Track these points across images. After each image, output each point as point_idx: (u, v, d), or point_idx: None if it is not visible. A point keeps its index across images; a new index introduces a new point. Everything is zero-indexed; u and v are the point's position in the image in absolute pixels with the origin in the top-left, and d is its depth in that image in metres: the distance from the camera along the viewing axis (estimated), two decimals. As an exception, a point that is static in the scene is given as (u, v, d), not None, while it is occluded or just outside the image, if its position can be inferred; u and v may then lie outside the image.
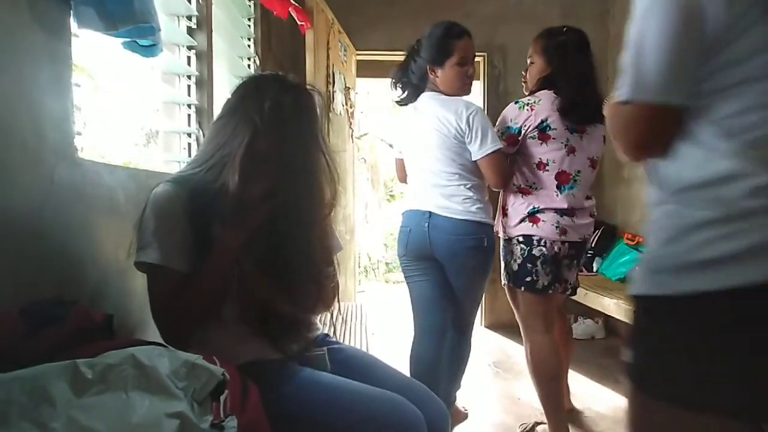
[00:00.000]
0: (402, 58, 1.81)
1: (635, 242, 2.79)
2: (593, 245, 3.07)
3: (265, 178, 0.84)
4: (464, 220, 1.52)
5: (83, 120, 0.95)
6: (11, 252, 0.72)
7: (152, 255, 0.82)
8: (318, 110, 0.91)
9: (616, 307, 2.19)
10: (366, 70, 3.64)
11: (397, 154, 1.85)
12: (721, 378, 0.52)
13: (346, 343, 1.40)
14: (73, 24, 0.84)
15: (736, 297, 0.51)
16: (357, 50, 3.24)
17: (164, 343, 0.79)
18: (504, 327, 3.24)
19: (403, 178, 1.88)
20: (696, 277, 0.53)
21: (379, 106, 6.62)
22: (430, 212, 1.56)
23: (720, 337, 0.52)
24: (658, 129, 0.59)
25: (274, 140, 0.83)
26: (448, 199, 1.54)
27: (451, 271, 1.58)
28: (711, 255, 0.52)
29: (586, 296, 2.46)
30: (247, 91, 0.89)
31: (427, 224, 1.55)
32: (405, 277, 1.69)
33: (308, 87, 0.91)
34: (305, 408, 0.87)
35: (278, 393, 0.88)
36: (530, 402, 2.09)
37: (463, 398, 1.95)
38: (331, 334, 1.12)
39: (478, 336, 3.14)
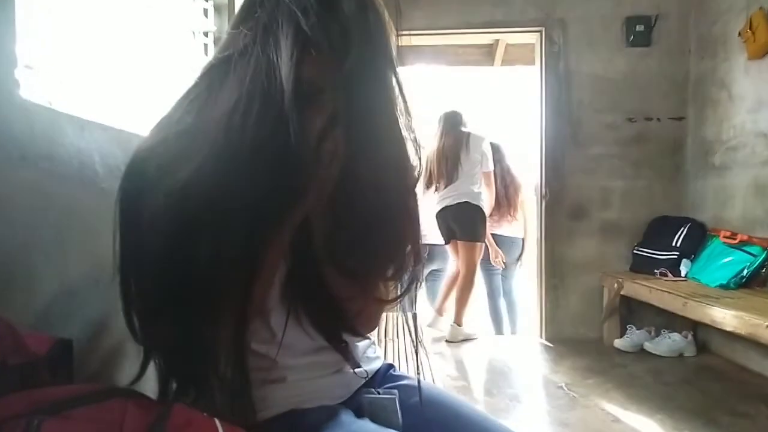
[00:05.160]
0: (445, 38, 1.56)
1: (737, 240, 2.31)
2: (678, 245, 2.61)
3: (321, 119, 0.50)
4: None
5: (38, 53, 0.65)
6: None
7: None
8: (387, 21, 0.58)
9: (735, 320, 1.74)
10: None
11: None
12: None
13: (406, 371, 1.04)
14: None
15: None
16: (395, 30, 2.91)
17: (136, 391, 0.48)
18: (566, 341, 2.82)
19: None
20: None
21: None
22: None
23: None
24: None
25: (331, 54, 0.50)
26: None
27: None
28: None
29: (685, 306, 2.02)
30: None
31: None
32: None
33: None
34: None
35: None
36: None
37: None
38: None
39: (540, 353, 2.73)
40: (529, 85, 3.01)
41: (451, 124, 2.82)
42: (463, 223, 2.69)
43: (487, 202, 2.79)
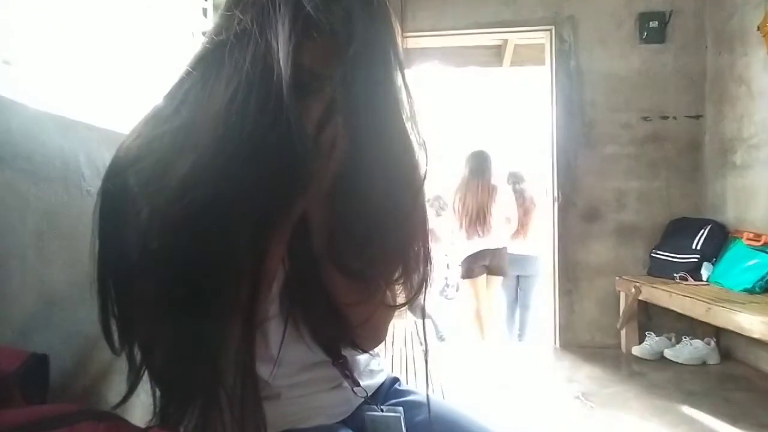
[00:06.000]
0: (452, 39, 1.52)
1: (761, 242, 2.21)
2: (698, 248, 2.51)
3: (320, 112, 0.46)
4: None
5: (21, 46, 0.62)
6: None
7: None
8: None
9: (763, 326, 1.65)
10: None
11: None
12: None
13: (413, 384, 0.98)
14: None
15: None
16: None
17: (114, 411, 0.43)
18: (582, 348, 2.72)
19: None
20: None
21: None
22: None
23: None
24: None
25: (333, 38, 0.45)
26: None
27: None
28: None
29: (709, 312, 1.93)
30: None
31: None
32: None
33: None
34: None
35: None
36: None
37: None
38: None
39: (555, 360, 2.65)
40: (540, 86, 2.95)
41: (483, 170, 3.15)
42: (503, 263, 3.29)
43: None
